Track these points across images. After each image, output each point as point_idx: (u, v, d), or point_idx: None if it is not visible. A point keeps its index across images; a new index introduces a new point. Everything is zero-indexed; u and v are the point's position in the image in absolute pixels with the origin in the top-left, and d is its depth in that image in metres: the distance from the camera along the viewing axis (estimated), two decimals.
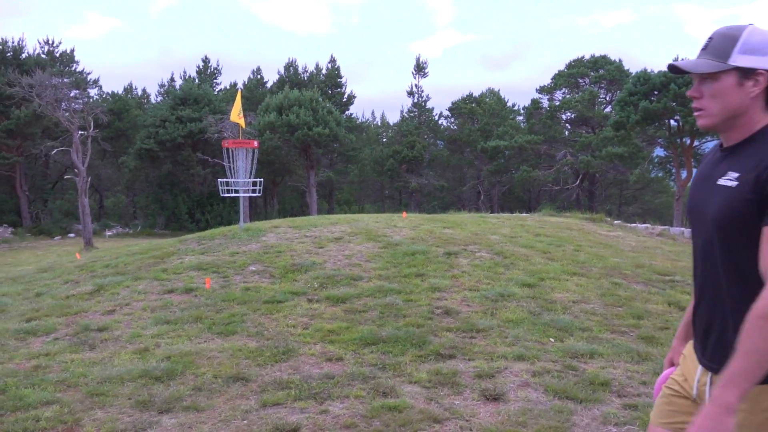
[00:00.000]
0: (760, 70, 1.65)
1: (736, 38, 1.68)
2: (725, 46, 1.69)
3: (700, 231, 1.79)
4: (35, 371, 4.77)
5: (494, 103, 45.94)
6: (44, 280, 8.50)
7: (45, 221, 37.01)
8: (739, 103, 1.69)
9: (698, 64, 1.73)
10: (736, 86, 1.68)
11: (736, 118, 1.71)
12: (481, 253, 8.38)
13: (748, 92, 1.67)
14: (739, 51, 1.67)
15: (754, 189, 1.59)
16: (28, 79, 27.63)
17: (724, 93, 1.69)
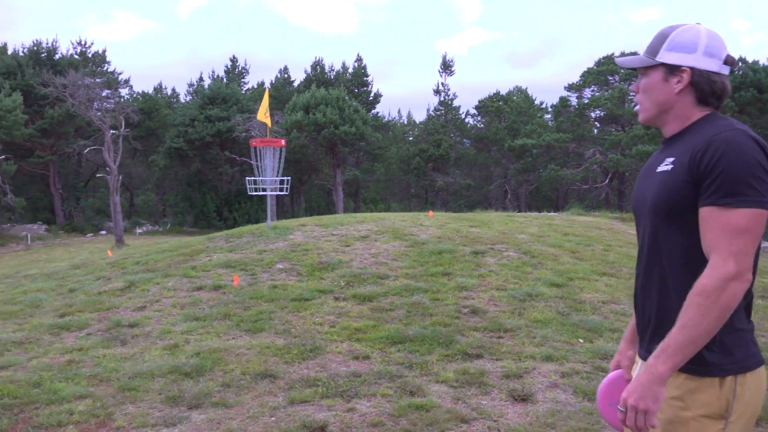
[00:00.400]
0: (684, 67, 1.69)
1: (666, 36, 1.73)
2: (657, 44, 1.74)
3: (643, 222, 1.79)
4: (69, 366, 4.87)
5: (522, 101, 45.54)
6: (77, 277, 8.67)
7: (78, 219, 37.79)
8: (666, 98, 1.73)
9: (631, 60, 1.80)
10: (662, 82, 1.73)
11: (666, 112, 1.75)
12: (508, 253, 8.32)
13: (672, 88, 1.71)
14: (666, 48, 1.72)
15: (689, 170, 1.61)
16: (62, 79, 28.26)
17: (653, 88, 1.75)
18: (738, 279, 1.53)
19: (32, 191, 37.97)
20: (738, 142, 1.57)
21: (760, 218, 1.55)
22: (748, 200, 1.54)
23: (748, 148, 1.57)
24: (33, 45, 37.12)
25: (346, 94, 38.04)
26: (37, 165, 35.24)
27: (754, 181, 1.54)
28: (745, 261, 1.54)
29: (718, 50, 1.70)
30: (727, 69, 1.71)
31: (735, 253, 1.54)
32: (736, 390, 1.60)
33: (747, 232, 1.54)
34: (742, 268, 1.54)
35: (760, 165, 1.56)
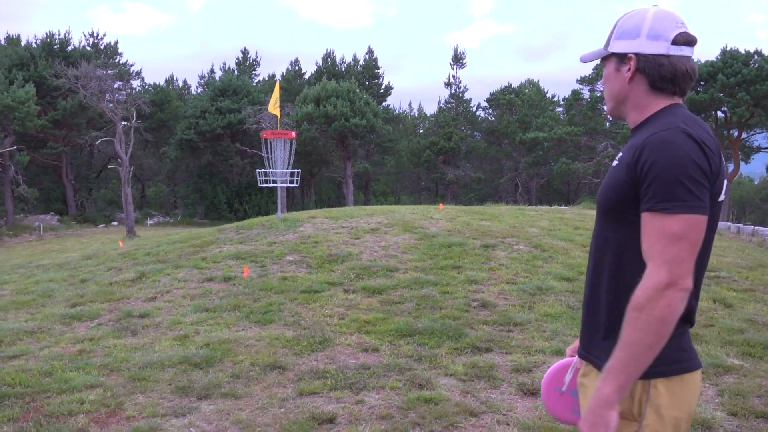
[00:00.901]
0: (630, 54, 1.64)
1: (615, 25, 1.69)
2: (609, 34, 1.71)
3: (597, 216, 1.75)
4: (80, 355, 4.90)
5: (533, 94, 45.27)
6: (89, 267, 8.73)
7: (89, 209, 38.05)
8: (620, 89, 1.68)
9: (590, 54, 1.77)
10: (615, 72, 1.69)
11: (623, 103, 1.70)
12: (518, 246, 8.28)
13: (624, 77, 1.66)
14: (614, 37, 1.68)
15: (628, 171, 1.55)
16: (74, 71, 28.39)
17: (608, 79, 1.72)
18: (672, 287, 1.45)
19: (45, 182, 38.28)
20: (672, 143, 1.49)
21: (697, 224, 1.47)
22: (682, 205, 1.46)
23: (684, 149, 1.48)
24: (46, 37, 37.28)
25: (356, 87, 37.96)
26: (50, 156, 35.48)
27: (690, 184, 1.46)
28: (680, 268, 1.46)
29: (665, 31, 1.61)
30: (680, 49, 1.61)
31: (669, 260, 1.46)
32: (650, 394, 1.55)
33: (682, 239, 1.46)
34: (676, 276, 1.45)
35: (697, 167, 1.47)
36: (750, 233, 11.57)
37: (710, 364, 4.47)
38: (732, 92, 28.74)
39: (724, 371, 4.39)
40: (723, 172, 1.57)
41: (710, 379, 4.24)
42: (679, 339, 1.59)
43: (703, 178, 1.48)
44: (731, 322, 5.49)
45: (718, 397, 3.99)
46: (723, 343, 5.00)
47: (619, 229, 1.61)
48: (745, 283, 6.92)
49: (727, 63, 29.13)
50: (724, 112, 30.69)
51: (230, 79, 39.15)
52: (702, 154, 1.49)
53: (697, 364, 1.62)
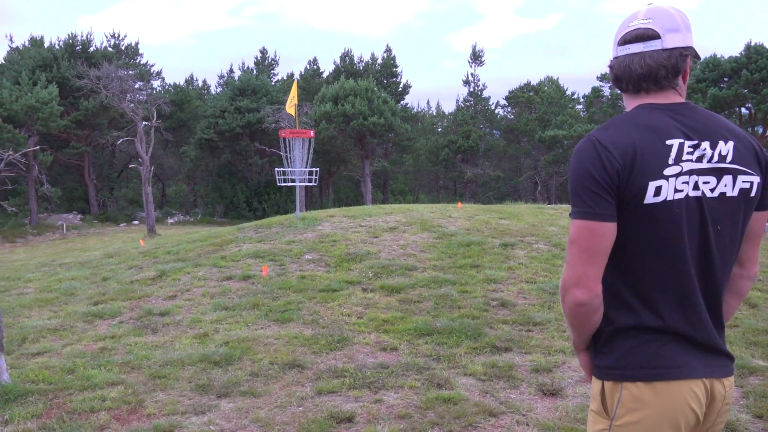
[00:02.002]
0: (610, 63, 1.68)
1: None
2: None
3: None
4: (102, 353, 4.96)
5: (553, 91, 44.91)
6: (110, 266, 8.83)
7: (111, 208, 38.53)
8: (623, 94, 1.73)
9: None
10: None
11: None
12: (538, 245, 8.22)
13: None
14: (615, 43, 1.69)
15: None
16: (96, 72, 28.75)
17: None
18: (567, 290, 1.54)
19: (67, 181, 38.82)
20: (577, 151, 1.56)
21: (587, 229, 1.50)
22: (574, 212, 1.54)
23: (584, 157, 1.53)
24: (68, 38, 37.80)
25: (375, 85, 37.94)
26: (72, 156, 35.98)
27: (581, 192, 1.52)
28: (572, 272, 1.52)
29: (619, 33, 1.64)
30: (626, 48, 1.61)
31: (566, 263, 1.55)
32: (621, 395, 1.57)
33: (574, 244, 1.53)
34: (569, 277, 1.54)
35: (589, 175, 1.51)
36: None
37: (735, 365, 4.39)
38: (756, 88, 28.25)
39: (749, 373, 4.31)
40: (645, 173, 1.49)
41: (735, 381, 4.17)
42: (655, 346, 1.55)
43: (594, 185, 1.50)
44: (756, 323, 5.39)
45: (743, 399, 3.92)
46: (748, 344, 4.91)
47: None
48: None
49: (752, 58, 28.62)
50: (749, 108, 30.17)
51: (249, 79, 39.37)
52: (598, 160, 1.50)
53: (677, 374, 1.55)
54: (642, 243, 1.52)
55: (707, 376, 1.57)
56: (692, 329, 1.56)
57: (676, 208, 1.51)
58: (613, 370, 1.58)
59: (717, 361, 1.60)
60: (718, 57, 30.01)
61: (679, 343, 1.56)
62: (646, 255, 1.54)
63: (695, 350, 1.57)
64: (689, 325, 1.56)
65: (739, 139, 1.59)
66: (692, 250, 1.54)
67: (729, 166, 1.56)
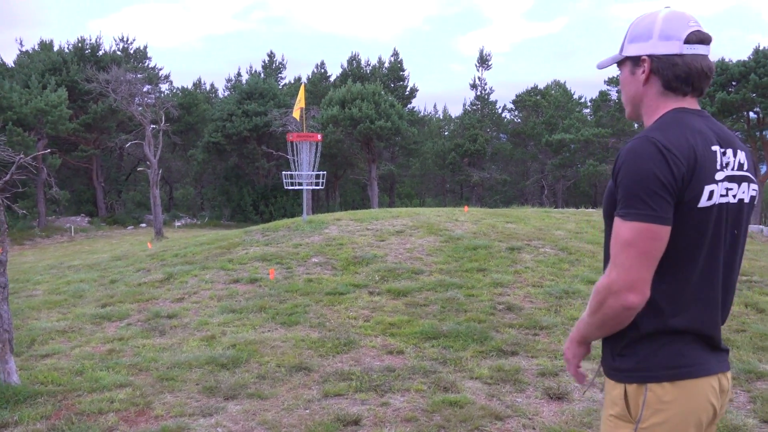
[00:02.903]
0: (643, 56, 1.65)
1: (627, 29, 1.71)
2: (623, 38, 1.72)
3: None
4: (110, 355, 4.99)
5: (560, 95, 44.82)
6: (118, 268, 8.88)
7: (119, 211, 38.70)
8: (635, 91, 1.70)
9: (605, 60, 1.78)
10: (630, 76, 1.71)
11: (639, 106, 1.72)
12: (545, 249, 8.21)
13: (639, 79, 1.68)
14: (627, 41, 1.69)
15: (613, 177, 1.61)
16: (105, 75, 28.92)
17: (624, 83, 1.74)
18: (618, 293, 1.52)
19: (76, 184, 39.05)
20: (636, 153, 1.54)
21: (648, 233, 1.50)
22: (633, 214, 1.51)
23: (646, 159, 1.52)
24: (77, 42, 38.06)
25: (382, 89, 37.98)
26: (81, 159, 36.16)
27: (644, 195, 1.50)
28: (627, 275, 1.51)
29: (677, 30, 1.61)
30: (694, 47, 1.61)
31: (617, 265, 1.53)
32: (646, 397, 1.58)
33: (631, 246, 1.51)
34: (623, 281, 1.51)
35: (654, 178, 1.50)
36: None
37: (742, 369, 4.38)
38: (765, 92, 28.13)
39: (757, 377, 4.30)
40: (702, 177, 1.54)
41: (742, 386, 4.16)
42: (677, 346, 1.59)
43: (660, 188, 1.50)
44: (764, 328, 5.37)
45: (750, 403, 3.91)
46: (755, 348, 4.90)
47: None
48: None
49: (760, 63, 28.49)
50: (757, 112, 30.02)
51: (257, 82, 39.50)
52: (664, 163, 1.50)
53: (700, 371, 1.59)
54: (689, 246, 1.56)
55: (721, 371, 1.64)
56: (710, 329, 1.63)
57: (723, 212, 1.58)
58: (637, 372, 1.60)
59: (723, 356, 1.68)
60: (726, 61, 29.89)
61: (698, 341, 1.62)
62: (689, 258, 1.57)
63: (710, 347, 1.64)
64: (708, 325, 1.63)
65: (746, 149, 1.70)
66: (723, 254, 1.61)
67: (746, 174, 1.65)
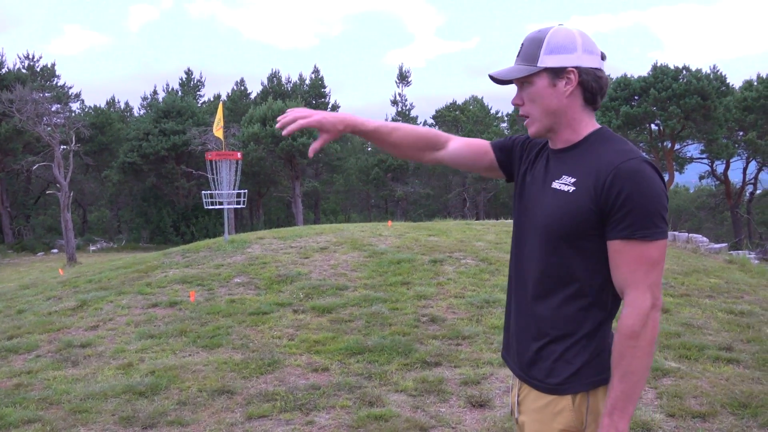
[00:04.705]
0: (569, 68, 1.64)
1: (542, 40, 1.67)
2: (533, 50, 1.68)
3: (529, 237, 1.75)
4: (17, 389, 4.70)
5: (478, 110, 46.18)
6: (26, 297, 8.39)
7: (27, 237, 36.55)
8: (557, 104, 1.67)
9: (511, 71, 1.72)
10: (549, 87, 1.67)
11: (559, 119, 1.69)
12: (466, 260, 8.41)
13: (562, 91, 1.66)
14: (545, 52, 1.65)
15: (595, 198, 1.58)
16: (8, 95, 27.40)
17: (541, 95, 1.68)
18: (656, 309, 1.57)
19: None
20: (647, 175, 1.56)
21: (665, 248, 1.60)
22: (659, 233, 1.55)
23: (656, 180, 1.57)
24: None
25: (303, 106, 37.90)
26: None
27: (663, 213, 1.57)
28: (659, 290, 1.58)
29: (594, 46, 1.67)
30: (603, 64, 1.70)
31: (651, 285, 1.56)
32: (589, 402, 1.64)
33: (659, 263, 1.57)
34: (656, 297, 1.56)
35: (665, 196, 1.59)
36: (685, 240, 12.07)
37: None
38: (664, 106, 30.06)
39: (663, 374, 4.56)
40: None
41: (649, 383, 4.40)
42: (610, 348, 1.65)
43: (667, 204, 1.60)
44: (668, 327, 5.71)
45: (657, 399, 4.14)
46: (661, 347, 5.20)
47: (570, 254, 1.64)
48: (681, 289, 7.22)
49: (658, 78, 30.47)
50: (658, 124, 32.02)
51: (174, 101, 38.50)
52: (663, 182, 1.59)
53: None
54: None
55: None
56: None
57: None
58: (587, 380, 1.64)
59: None
60: (629, 77, 31.75)
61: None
62: None
63: None
64: None
65: None
66: None
67: None
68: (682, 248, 10.71)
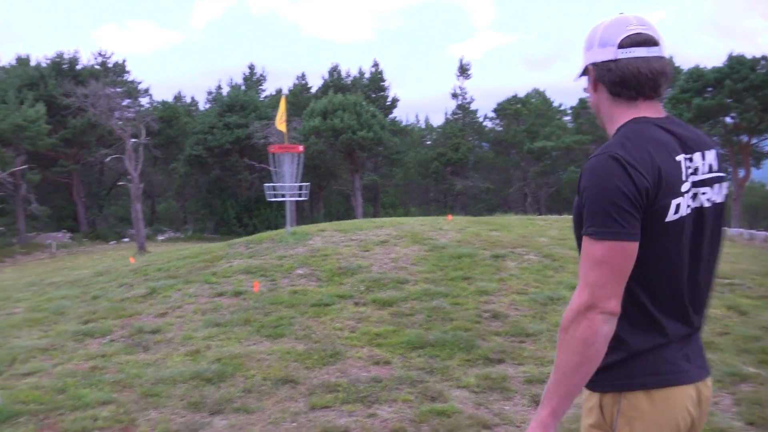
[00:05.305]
0: (588, 67, 1.66)
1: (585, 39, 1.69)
2: None
3: None
4: (93, 372, 4.92)
5: (540, 103, 45.28)
6: (100, 284, 8.77)
7: (101, 226, 38.28)
8: (594, 102, 1.70)
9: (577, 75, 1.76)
10: (588, 88, 1.71)
11: (599, 115, 1.71)
12: (529, 256, 8.25)
13: (591, 89, 1.69)
14: (584, 50, 1.67)
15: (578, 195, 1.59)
16: (83, 89, 28.67)
17: (588, 93, 1.73)
18: (593, 310, 1.47)
19: (56, 200, 38.54)
20: (598, 170, 1.51)
21: (620, 250, 1.48)
22: (605, 232, 1.48)
23: (609, 175, 1.49)
24: (55, 56, 37.72)
25: (363, 100, 38.09)
26: (61, 174, 35.77)
27: (614, 212, 1.47)
28: (601, 292, 1.48)
29: (613, 36, 1.60)
30: (629, 51, 1.57)
31: (590, 284, 1.49)
32: (621, 405, 1.58)
33: (604, 264, 1.48)
34: (597, 298, 1.48)
35: (622, 194, 1.47)
36: (763, 239, 11.48)
37: (726, 372, 4.43)
38: (740, 98, 28.62)
39: (741, 380, 4.34)
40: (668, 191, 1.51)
41: (727, 388, 4.20)
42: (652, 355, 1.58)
43: (627, 204, 1.47)
44: (746, 330, 5.44)
45: (735, 406, 3.94)
46: (738, 351, 4.95)
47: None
48: (759, 290, 6.86)
49: (734, 69, 29.01)
50: (733, 117, 30.54)
51: (237, 95, 39.40)
52: (628, 179, 1.47)
53: (675, 380, 1.58)
54: (659, 261, 1.55)
55: (700, 379, 1.62)
56: (687, 338, 1.62)
57: (687, 223, 1.55)
58: (612, 382, 1.59)
59: (703, 363, 1.66)
60: (702, 67, 30.41)
61: (676, 350, 1.60)
62: (661, 273, 1.56)
63: (688, 356, 1.61)
64: (685, 335, 1.61)
65: (714, 145, 1.66)
66: (690, 260, 1.58)
67: (716, 175, 1.62)
68: (760, 247, 10.18)
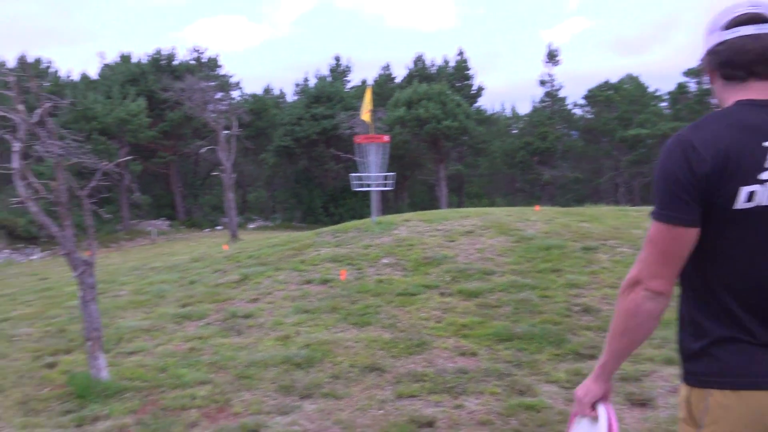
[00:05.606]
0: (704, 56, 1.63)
1: None
2: None
3: None
4: (190, 353, 5.17)
5: (633, 89, 43.24)
6: (197, 269, 9.21)
7: (196, 215, 40.21)
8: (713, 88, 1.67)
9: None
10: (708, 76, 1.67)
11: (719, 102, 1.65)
12: (622, 249, 7.93)
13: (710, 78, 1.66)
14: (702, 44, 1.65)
15: None
16: (180, 84, 30.10)
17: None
18: (638, 285, 1.53)
19: (156, 189, 40.84)
20: (665, 151, 1.54)
21: (668, 233, 1.50)
22: (654, 213, 1.54)
23: (668, 158, 1.50)
24: (154, 53, 39.82)
25: (448, 89, 37.80)
26: (160, 165, 37.82)
27: (662, 194, 1.51)
28: (647, 270, 1.52)
29: (719, 21, 1.56)
30: (735, 31, 1.52)
31: (641, 260, 1.55)
32: (708, 402, 1.52)
33: (653, 244, 1.53)
34: (643, 275, 1.52)
35: (673, 177, 1.48)
36: None
37: None
38: None
39: None
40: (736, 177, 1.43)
41: None
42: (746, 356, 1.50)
43: (679, 188, 1.47)
44: None
45: None
46: None
47: None
48: None
49: None
50: None
51: (324, 86, 40.13)
52: (685, 162, 1.46)
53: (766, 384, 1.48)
54: (735, 249, 1.48)
55: None
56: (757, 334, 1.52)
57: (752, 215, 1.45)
58: (702, 377, 1.54)
59: None
60: None
61: (765, 353, 1.51)
62: (737, 265, 1.48)
63: None
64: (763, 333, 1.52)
65: None
66: None
67: None
68: None
